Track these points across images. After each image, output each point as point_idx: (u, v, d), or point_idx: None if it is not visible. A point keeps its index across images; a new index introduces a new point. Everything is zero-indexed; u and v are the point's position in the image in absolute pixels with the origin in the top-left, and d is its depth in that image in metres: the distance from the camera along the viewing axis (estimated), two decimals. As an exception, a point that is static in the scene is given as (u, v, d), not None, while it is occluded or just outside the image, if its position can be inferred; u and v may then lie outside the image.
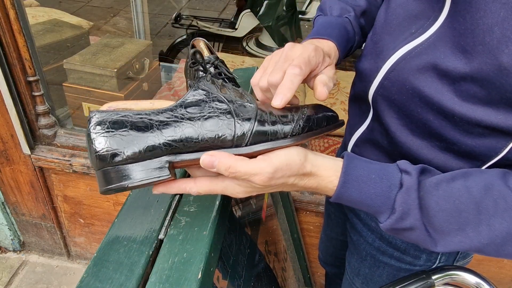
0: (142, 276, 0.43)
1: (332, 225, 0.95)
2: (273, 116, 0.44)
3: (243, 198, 0.75)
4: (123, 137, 0.40)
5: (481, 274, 0.55)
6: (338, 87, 1.67)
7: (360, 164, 0.46)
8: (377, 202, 0.45)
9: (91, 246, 1.59)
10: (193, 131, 0.41)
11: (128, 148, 0.40)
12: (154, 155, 0.41)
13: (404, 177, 0.45)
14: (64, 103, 1.42)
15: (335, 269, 1.05)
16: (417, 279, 0.55)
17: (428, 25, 0.49)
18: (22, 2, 1.07)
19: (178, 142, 0.41)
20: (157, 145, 0.40)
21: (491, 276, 1.31)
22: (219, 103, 0.43)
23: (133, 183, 0.40)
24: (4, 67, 1.11)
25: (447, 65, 0.45)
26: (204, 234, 0.48)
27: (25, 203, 1.47)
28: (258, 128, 0.43)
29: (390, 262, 0.67)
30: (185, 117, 0.42)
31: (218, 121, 0.42)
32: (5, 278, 1.54)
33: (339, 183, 0.45)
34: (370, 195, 0.45)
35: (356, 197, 0.46)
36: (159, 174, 0.41)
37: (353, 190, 0.45)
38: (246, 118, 0.43)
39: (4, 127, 1.25)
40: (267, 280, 0.82)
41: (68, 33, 1.60)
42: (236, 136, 0.42)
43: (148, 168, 0.41)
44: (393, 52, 0.52)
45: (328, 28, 0.61)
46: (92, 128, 0.40)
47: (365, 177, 0.45)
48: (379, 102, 0.55)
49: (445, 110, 0.47)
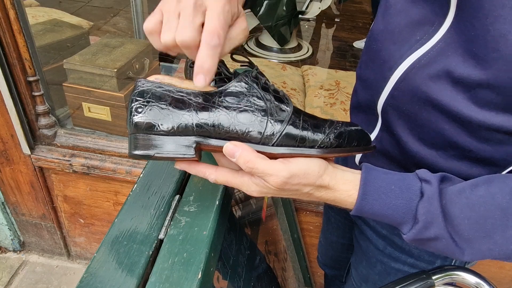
0: (142, 276, 0.43)
1: (331, 228, 0.94)
2: (306, 124, 0.45)
3: (243, 198, 0.75)
4: (161, 110, 0.42)
5: (481, 274, 0.55)
6: (338, 87, 1.67)
7: (378, 175, 0.46)
8: (399, 213, 0.45)
9: (91, 246, 1.59)
10: (226, 120, 0.43)
11: (164, 122, 0.42)
12: (184, 133, 0.43)
13: (425, 186, 0.44)
14: (64, 103, 1.42)
15: (335, 271, 1.05)
16: (417, 279, 0.55)
17: (433, 31, 0.47)
18: (22, 2, 1.07)
19: (209, 126, 0.43)
20: (190, 125, 0.42)
21: (491, 276, 1.31)
22: (257, 99, 0.44)
23: (160, 154, 0.43)
24: (4, 67, 1.11)
25: (460, 72, 0.44)
26: (204, 234, 0.48)
27: (25, 203, 1.47)
28: (288, 131, 0.44)
29: (403, 269, 0.66)
30: (222, 104, 0.43)
31: (252, 116, 0.43)
32: (5, 278, 1.54)
33: (359, 195, 0.45)
34: (391, 206, 0.44)
35: (377, 209, 0.45)
36: (185, 152, 0.43)
37: (374, 203, 0.45)
38: (279, 119, 0.44)
39: (4, 127, 1.25)
40: (267, 280, 0.82)
41: (68, 33, 1.60)
42: (265, 135, 0.43)
43: (177, 144, 0.43)
44: (400, 61, 0.50)
45: None
46: (135, 95, 0.42)
47: (385, 188, 0.45)
48: (389, 113, 0.54)
49: (462, 118, 0.46)
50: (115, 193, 1.37)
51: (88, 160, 1.29)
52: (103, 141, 1.30)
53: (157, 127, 0.42)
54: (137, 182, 0.56)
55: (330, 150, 0.45)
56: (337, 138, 0.45)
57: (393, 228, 0.64)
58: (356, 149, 0.47)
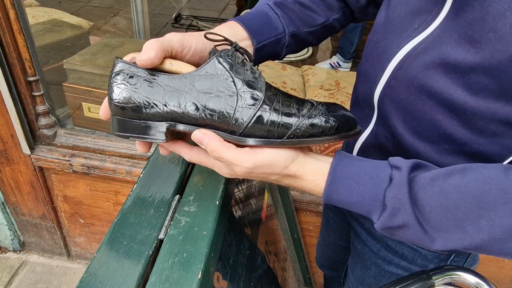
0: (142, 276, 0.43)
1: (330, 230, 0.94)
2: (277, 113, 0.43)
3: (243, 198, 0.75)
4: (134, 93, 0.43)
5: (481, 274, 0.55)
6: (338, 87, 1.67)
7: (350, 163, 0.46)
8: (367, 200, 0.44)
9: (91, 246, 1.59)
10: (195, 109, 0.43)
11: (136, 106, 0.43)
12: (156, 117, 0.44)
13: (394, 173, 0.44)
14: (64, 103, 1.42)
15: (333, 272, 1.05)
16: (417, 279, 0.55)
17: (431, 19, 0.48)
18: (22, 2, 1.07)
19: (179, 113, 0.44)
20: (161, 111, 0.43)
21: (491, 276, 1.31)
22: (227, 86, 0.43)
23: (133, 137, 0.45)
24: (4, 67, 1.11)
25: (455, 57, 0.44)
26: (204, 234, 0.48)
27: (25, 203, 1.47)
28: (255, 122, 0.43)
29: (397, 272, 0.66)
30: (191, 92, 0.43)
31: (220, 104, 0.43)
32: (5, 278, 1.54)
33: (326, 183, 0.45)
34: (359, 193, 0.44)
35: (345, 197, 0.45)
36: (156, 137, 0.45)
37: (342, 189, 0.45)
38: (248, 108, 0.43)
39: (4, 127, 1.25)
40: (267, 280, 0.82)
41: (68, 33, 1.60)
42: (233, 123, 0.43)
43: (149, 128, 0.45)
44: (397, 50, 0.50)
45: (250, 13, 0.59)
46: (113, 75, 0.43)
47: (354, 175, 0.45)
48: (385, 104, 0.54)
49: (456, 106, 0.46)
50: (115, 193, 1.38)
51: (88, 160, 1.29)
52: (103, 141, 1.30)
53: (129, 111, 0.43)
54: (137, 182, 0.56)
55: (300, 141, 0.44)
56: (310, 126, 0.44)
57: None
58: (332, 138, 0.45)
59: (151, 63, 0.43)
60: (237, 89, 0.43)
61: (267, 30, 0.58)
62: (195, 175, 0.57)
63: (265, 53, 0.59)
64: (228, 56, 0.44)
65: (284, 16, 0.60)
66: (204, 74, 0.44)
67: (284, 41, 0.60)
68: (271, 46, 0.59)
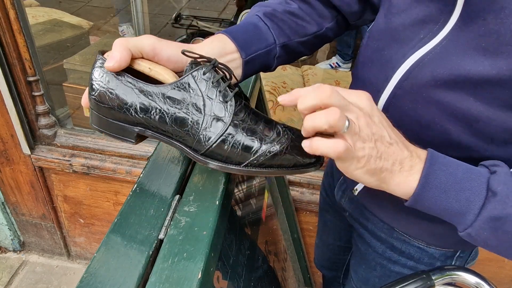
0: (142, 276, 0.43)
1: (328, 231, 0.94)
2: (238, 142, 0.44)
3: (243, 198, 0.75)
4: (109, 95, 0.45)
5: (481, 274, 0.55)
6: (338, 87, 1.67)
7: (445, 155, 0.43)
8: (468, 187, 0.40)
9: (91, 246, 1.59)
10: (163, 122, 0.45)
11: (110, 107, 0.45)
12: (128, 121, 0.46)
13: (494, 167, 0.42)
14: (64, 103, 1.42)
15: (333, 272, 1.05)
16: (417, 279, 0.55)
17: (437, 29, 0.47)
18: (22, 2, 1.07)
19: (148, 122, 0.46)
20: (132, 117, 0.46)
21: (491, 276, 1.31)
22: (197, 107, 0.44)
23: (106, 133, 0.48)
24: (4, 67, 1.11)
25: (467, 69, 0.43)
26: (204, 234, 0.47)
27: (25, 203, 1.47)
28: (217, 147, 0.44)
29: (403, 272, 0.66)
30: (162, 104, 0.44)
31: (187, 122, 0.44)
32: (5, 278, 1.54)
33: (427, 161, 0.42)
34: (459, 179, 0.41)
35: (444, 180, 0.41)
36: (127, 138, 0.48)
37: (441, 173, 0.41)
38: (211, 131, 0.44)
39: (4, 127, 1.25)
40: (267, 280, 0.82)
41: (68, 33, 1.60)
42: (196, 143, 0.45)
43: (122, 128, 0.47)
44: (403, 60, 0.49)
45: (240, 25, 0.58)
46: (93, 71, 0.45)
47: (453, 162, 0.42)
48: (390, 113, 0.52)
49: (467, 116, 0.45)
50: (115, 193, 1.38)
51: (88, 160, 1.29)
52: (103, 141, 1.30)
53: (104, 110, 0.46)
54: (137, 182, 0.56)
55: (256, 171, 0.45)
56: (269, 159, 0.44)
57: (392, 231, 0.64)
58: (288, 172, 0.46)
59: (118, 67, 0.43)
60: (205, 111, 0.44)
61: (256, 42, 0.57)
62: (195, 175, 0.57)
63: (256, 65, 0.58)
64: (203, 74, 0.45)
65: (274, 27, 0.59)
66: (177, 88, 0.44)
67: (275, 52, 0.59)
68: (261, 58, 0.58)
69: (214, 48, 0.53)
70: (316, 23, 0.62)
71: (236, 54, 0.55)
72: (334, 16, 0.64)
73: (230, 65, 0.54)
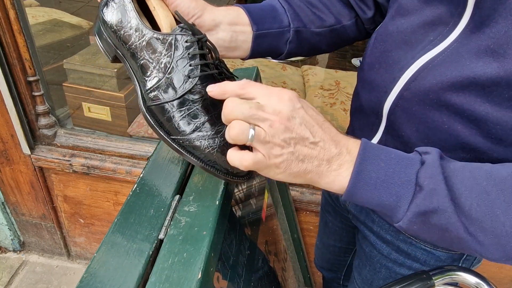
0: (142, 276, 0.43)
1: (329, 233, 0.93)
2: (176, 117, 0.46)
3: (243, 198, 0.75)
4: (111, 13, 0.49)
5: (481, 274, 0.55)
6: (338, 87, 1.67)
7: (378, 146, 0.44)
8: (397, 182, 0.41)
9: (91, 246, 1.59)
10: (133, 59, 0.49)
11: (108, 25, 0.50)
12: (113, 42, 0.51)
13: (425, 156, 0.42)
14: (64, 103, 1.42)
15: (333, 273, 1.04)
16: (417, 279, 0.55)
17: (447, 31, 0.46)
18: (22, 2, 1.07)
19: (124, 53, 0.50)
20: (117, 40, 0.49)
21: (491, 276, 1.31)
22: (164, 65, 0.46)
23: (98, 43, 0.53)
24: (4, 67, 1.11)
25: (475, 71, 0.43)
26: (204, 234, 0.47)
27: (25, 203, 1.47)
28: (158, 109, 0.47)
29: (408, 274, 0.66)
30: (140, 44, 0.48)
31: (148, 72, 0.47)
32: (5, 278, 1.54)
33: (358, 157, 0.41)
34: (390, 174, 0.41)
35: (374, 178, 0.41)
36: (108, 53, 0.53)
37: (372, 168, 0.41)
38: (161, 93, 0.47)
39: (4, 127, 1.25)
40: (267, 280, 0.82)
41: (68, 33, 1.60)
42: (145, 93, 0.48)
43: (107, 44, 0.52)
44: (412, 62, 0.49)
45: None
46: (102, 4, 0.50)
47: (384, 156, 0.42)
48: (397, 114, 0.52)
49: (477, 117, 0.45)
50: (115, 193, 1.37)
51: (88, 160, 1.29)
52: (103, 141, 1.30)
53: (104, 26, 0.50)
54: (137, 182, 0.56)
55: (180, 151, 0.46)
56: (192, 148, 0.45)
57: (398, 233, 0.64)
58: (209, 170, 0.47)
59: None
60: (166, 73, 0.46)
61: (271, 20, 0.57)
62: (195, 175, 0.57)
63: (266, 45, 0.58)
64: (185, 42, 0.46)
65: (291, 11, 0.59)
66: (158, 40, 0.46)
67: (288, 36, 0.59)
68: (272, 37, 0.57)
69: (226, 15, 0.54)
70: (334, 17, 0.62)
71: (248, 27, 0.55)
72: (352, 16, 0.64)
73: (239, 36, 0.55)
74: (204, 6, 0.52)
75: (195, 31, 0.47)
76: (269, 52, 0.60)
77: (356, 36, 0.66)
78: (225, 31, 0.54)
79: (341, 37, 0.65)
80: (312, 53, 0.65)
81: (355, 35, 0.66)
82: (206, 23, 0.52)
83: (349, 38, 0.66)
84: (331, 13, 0.62)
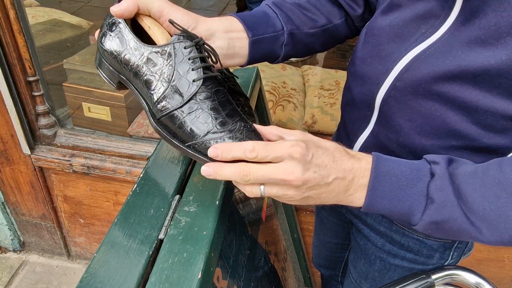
0: (142, 276, 0.43)
1: (325, 229, 0.94)
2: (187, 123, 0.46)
3: (243, 198, 0.75)
4: (110, 41, 0.50)
5: (481, 274, 0.55)
6: (338, 87, 1.66)
7: (388, 159, 0.46)
8: (409, 195, 0.44)
9: (91, 246, 1.59)
10: (136, 79, 0.49)
11: (108, 53, 0.50)
12: (115, 68, 0.52)
13: (434, 167, 0.45)
14: (64, 103, 1.42)
15: (330, 271, 1.05)
16: (417, 279, 0.55)
17: (439, 23, 0.48)
18: (22, 2, 1.07)
19: (128, 75, 0.50)
20: (118, 65, 0.50)
21: (491, 276, 1.31)
22: (166, 75, 0.47)
23: (100, 72, 0.54)
24: (4, 67, 1.11)
25: (467, 60, 0.44)
26: (204, 234, 0.48)
27: (25, 203, 1.47)
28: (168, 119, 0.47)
29: (402, 264, 0.66)
30: (140, 61, 0.48)
31: (152, 85, 0.48)
32: (5, 278, 1.54)
33: (371, 176, 0.45)
34: (403, 187, 0.44)
35: (388, 190, 0.45)
36: (111, 81, 0.53)
37: (385, 184, 0.45)
38: (168, 102, 0.47)
39: (4, 127, 1.25)
40: (268, 280, 0.82)
41: (68, 33, 1.60)
42: (153, 106, 0.48)
43: (110, 72, 0.53)
44: (405, 54, 0.51)
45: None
46: (107, 15, 0.50)
47: (396, 170, 0.45)
48: (390, 105, 0.54)
49: (468, 104, 0.46)
50: (115, 193, 1.38)
51: (88, 160, 1.29)
52: (103, 141, 1.30)
53: (105, 55, 0.52)
54: (137, 182, 0.56)
55: (198, 157, 0.46)
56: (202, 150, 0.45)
57: (391, 224, 0.65)
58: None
59: (121, 15, 0.47)
60: (170, 82, 0.46)
61: (264, 25, 0.59)
62: (195, 175, 0.57)
63: (262, 50, 0.59)
64: (184, 48, 0.46)
65: (283, 15, 0.60)
66: (157, 53, 0.47)
67: (283, 40, 0.60)
68: (268, 42, 0.59)
69: (220, 24, 0.55)
70: (325, 17, 0.64)
71: (243, 33, 0.56)
72: (343, 15, 0.66)
73: (236, 43, 0.55)
74: (197, 18, 0.53)
75: (191, 36, 0.48)
76: (267, 57, 0.62)
77: (347, 34, 0.68)
78: (221, 39, 0.54)
79: (334, 36, 0.66)
80: (308, 53, 0.67)
81: (346, 33, 0.68)
82: (202, 33, 0.52)
83: (341, 36, 0.68)
84: (322, 13, 0.64)
